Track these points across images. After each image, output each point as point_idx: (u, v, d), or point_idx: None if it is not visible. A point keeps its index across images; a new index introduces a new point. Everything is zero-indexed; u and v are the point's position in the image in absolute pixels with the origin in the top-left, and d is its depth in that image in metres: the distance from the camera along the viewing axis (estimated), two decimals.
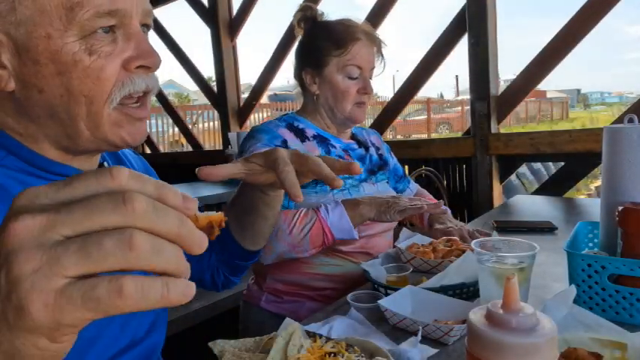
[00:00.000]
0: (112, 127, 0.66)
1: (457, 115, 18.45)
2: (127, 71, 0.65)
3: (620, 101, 38.46)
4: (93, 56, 0.62)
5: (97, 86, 0.63)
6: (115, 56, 0.63)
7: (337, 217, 1.21)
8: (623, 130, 0.92)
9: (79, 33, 0.61)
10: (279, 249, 1.21)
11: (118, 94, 0.64)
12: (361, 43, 1.35)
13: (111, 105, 0.64)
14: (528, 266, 0.81)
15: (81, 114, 0.64)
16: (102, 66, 0.62)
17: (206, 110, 10.17)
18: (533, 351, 0.44)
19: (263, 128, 1.36)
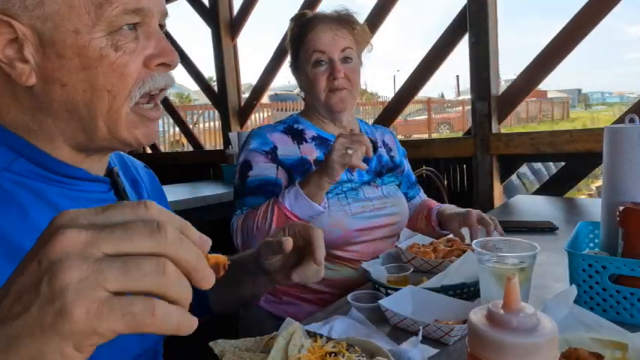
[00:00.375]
0: (127, 127, 0.67)
1: (458, 115, 18.45)
2: (147, 69, 0.66)
3: (621, 101, 38.43)
4: (119, 52, 0.63)
5: (120, 82, 0.64)
6: (137, 53, 0.65)
7: (293, 198, 1.20)
8: (623, 130, 0.92)
9: (107, 29, 0.62)
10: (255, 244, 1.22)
11: (138, 91, 0.66)
12: (319, 28, 1.34)
13: (131, 102, 0.66)
14: (529, 266, 0.81)
15: (102, 109, 0.65)
16: (126, 62, 0.64)
17: (207, 110, 10.17)
18: (533, 351, 0.44)
19: (257, 132, 1.39)
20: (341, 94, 1.35)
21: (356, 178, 1.40)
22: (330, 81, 1.34)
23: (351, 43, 1.36)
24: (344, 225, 1.31)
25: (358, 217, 1.33)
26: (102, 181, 0.74)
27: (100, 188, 0.74)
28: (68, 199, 0.67)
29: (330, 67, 1.33)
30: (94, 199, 0.72)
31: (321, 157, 1.36)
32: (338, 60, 1.34)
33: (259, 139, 1.36)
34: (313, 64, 1.34)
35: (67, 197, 0.67)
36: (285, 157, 1.34)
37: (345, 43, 1.34)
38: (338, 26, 1.35)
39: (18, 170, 0.65)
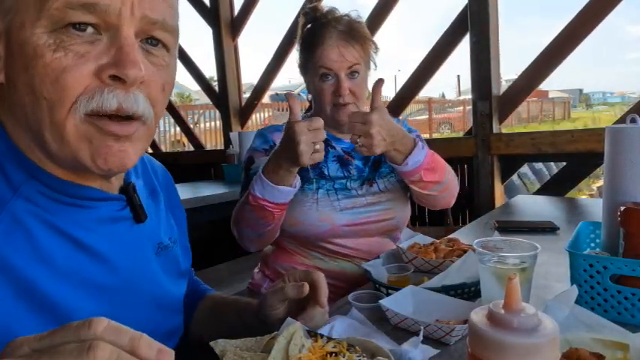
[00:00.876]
0: (78, 142, 0.56)
1: (459, 115, 18.44)
2: (100, 81, 0.55)
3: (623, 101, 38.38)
4: (57, 53, 0.53)
5: (55, 89, 0.54)
6: (87, 59, 0.54)
7: (260, 186, 1.18)
8: (625, 130, 0.92)
9: (49, 24, 0.53)
10: (247, 234, 1.29)
11: (84, 105, 0.55)
12: (328, 45, 1.32)
13: (75, 114, 0.55)
14: (530, 266, 0.81)
15: (44, 120, 0.55)
16: (65, 66, 0.53)
17: (207, 110, 10.17)
18: (534, 351, 0.44)
19: (261, 132, 1.44)
20: (347, 109, 1.35)
21: (354, 175, 1.40)
22: (335, 96, 1.34)
23: (360, 57, 1.35)
24: (332, 220, 1.33)
25: (347, 213, 1.34)
26: (116, 199, 0.68)
27: (114, 207, 0.67)
28: (77, 224, 0.62)
29: (336, 84, 1.33)
30: (107, 219, 0.66)
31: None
32: (344, 76, 1.33)
33: (261, 138, 1.42)
34: (320, 77, 1.35)
35: (77, 222, 0.62)
36: None
37: (352, 60, 1.33)
38: (346, 43, 1.33)
39: (27, 194, 0.59)
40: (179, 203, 0.93)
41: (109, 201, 0.67)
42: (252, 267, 1.56)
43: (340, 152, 1.42)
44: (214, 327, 0.93)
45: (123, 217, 0.69)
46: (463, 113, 17.90)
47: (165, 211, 0.83)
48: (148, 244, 0.75)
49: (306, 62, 1.40)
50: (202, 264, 2.69)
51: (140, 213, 0.71)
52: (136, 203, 0.71)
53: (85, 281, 0.63)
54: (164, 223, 0.81)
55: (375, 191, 1.41)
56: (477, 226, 1.70)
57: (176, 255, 0.83)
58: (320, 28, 1.36)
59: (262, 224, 1.23)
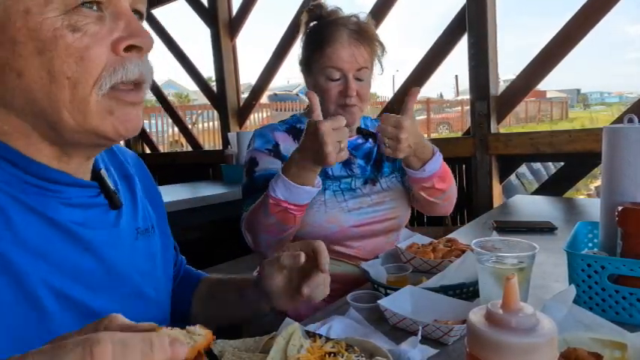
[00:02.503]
0: (101, 115, 0.60)
1: (457, 115, 18.44)
2: (117, 55, 0.59)
3: (620, 101, 38.45)
4: (77, 33, 0.56)
5: (81, 67, 0.57)
6: (102, 37, 0.58)
7: (283, 189, 1.15)
8: (622, 130, 0.92)
9: (61, 7, 0.56)
10: (264, 239, 1.24)
11: (109, 79, 0.59)
12: (339, 44, 1.30)
13: (100, 91, 0.59)
14: (528, 266, 0.81)
15: (63, 99, 0.58)
16: (87, 45, 0.57)
17: (206, 110, 10.16)
18: (532, 351, 0.44)
19: (260, 132, 1.41)
20: (351, 111, 1.34)
21: (358, 174, 1.40)
22: (341, 97, 1.32)
23: (368, 59, 1.34)
24: (340, 222, 1.32)
25: (355, 213, 1.34)
26: (89, 186, 0.69)
27: (86, 193, 0.69)
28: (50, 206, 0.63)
29: (344, 85, 1.31)
30: (80, 204, 0.67)
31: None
32: (352, 78, 1.31)
33: (262, 138, 1.38)
34: (327, 77, 1.32)
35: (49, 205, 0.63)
36: (286, 154, 1.33)
37: (362, 62, 1.32)
38: (357, 43, 1.31)
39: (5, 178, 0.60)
40: (156, 189, 0.92)
41: (82, 187, 0.68)
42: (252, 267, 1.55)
43: None
44: (215, 309, 0.93)
45: (97, 203, 0.70)
46: (461, 113, 17.91)
47: (141, 197, 0.83)
48: (125, 230, 0.74)
49: (310, 60, 1.36)
50: (202, 264, 2.68)
51: (114, 199, 0.72)
52: (109, 189, 0.72)
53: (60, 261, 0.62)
54: (140, 209, 0.80)
55: (379, 190, 1.41)
56: (475, 226, 1.70)
57: (155, 240, 0.82)
58: (329, 26, 1.33)
59: (284, 228, 1.20)
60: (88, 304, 0.65)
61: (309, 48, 1.37)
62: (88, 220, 0.67)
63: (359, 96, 1.34)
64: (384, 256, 1.21)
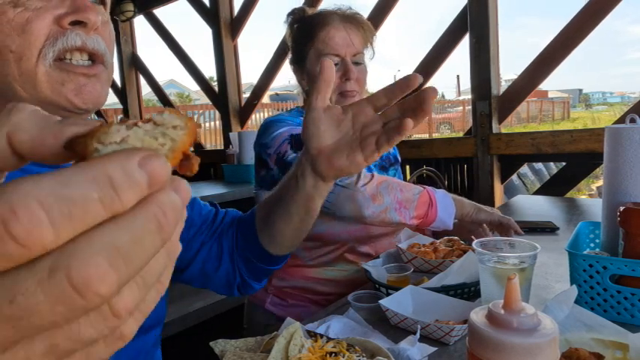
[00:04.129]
0: (52, 86, 0.61)
1: (458, 115, 18.43)
2: (60, 27, 0.60)
3: (622, 101, 38.41)
4: (18, 9, 0.58)
5: (23, 40, 0.58)
6: (44, 10, 0.60)
7: (442, 196, 1.19)
8: (624, 130, 0.92)
9: None
10: (387, 201, 1.14)
11: (51, 49, 0.60)
12: (332, 28, 1.28)
13: (45, 61, 0.60)
14: (530, 266, 0.81)
15: (12, 73, 0.59)
16: (28, 18, 0.58)
17: (207, 110, 10.18)
18: (534, 351, 0.44)
19: (284, 118, 1.32)
20: (352, 97, 1.31)
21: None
22: (342, 82, 1.29)
23: (362, 43, 1.32)
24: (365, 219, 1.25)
25: None
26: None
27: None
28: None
29: (344, 68, 1.28)
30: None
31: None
32: (350, 61, 1.29)
33: (294, 119, 1.31)
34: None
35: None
36: None
37: (356, 45, 1.30)
38: (350, 25, 1.30)
39: None
40: None
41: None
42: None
43: None
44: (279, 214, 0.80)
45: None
46: (463, 113, 17.90)
47: None
48: None
49: (303, 53, 1.33)
50: None
51: None
52: None
53: None
54: None
55: None
56: None
57: None
58: (318, 15, 1.32)
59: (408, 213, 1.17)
60: None
61: (300, 41, 1.34)
62: None
63: (358, 82, 1.32)
64: (385, 256, 1.21)
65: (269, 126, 1.30)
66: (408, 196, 1.15)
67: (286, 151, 1.23)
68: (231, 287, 0.90)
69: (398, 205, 1.15)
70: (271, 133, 1.28)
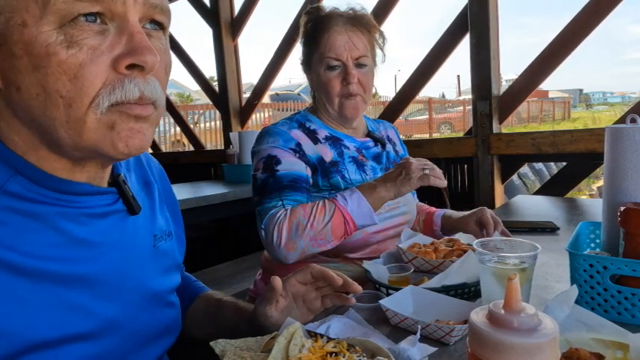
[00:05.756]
0: (100, 131, 0.56)
1: (459, 115, 18.42)
2: (117, 73, 0.55)
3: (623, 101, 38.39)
4: (72, 49, 0.53)
5: (75, 86, 0.53)
6: (101, 52, 0.54)
7: (356, 204, 1.18)
8: (625, 130, 0.92)
9: (57, 20, 0.52)
10: (301, 245, 1.18)
11: (107, 99, 0.55)
12: (334, 30, 1.29)
13: (97, 110, 0.55)
14: (530, 266, 0.81)
15: (59, 118, 0.55)
16: (82, 62, 0.53)
17: (207, 110, 10.18)
18: (535, 351, 0.44)
19: (276, 130, 1.33)
20: (355, 102, 1.32)
21: (371, 176, 1.38)
22: (343, 86, 1.30)
23: (366, 47, 1.32)
24: (365, 229, 1.27)
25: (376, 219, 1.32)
26: (107, 193, 0.67)
27: (104, 201, 0.66)
28: (67, 219, 0.61)
29: (344, 72, 1.30)
30: (98, 214, 0.65)
31: (336, 158, 1.33)
32: (352, 65, 1.30)
33: (282, 136, 1.31)
34: (326, 68, 1.31)
35: (66, 217, 0.61)
36: (309, 155, 1.31)
37: (359, 48, 1.30)
38: (353, 28, 1.30)
39: (14, 190, 0.57)
40: (175, 198, 0.93)
41: (99, 195, 0.66)
42: (252, 267, 1.55)
43: (354, 152, 1.38)
44: (208, 328, 0.92)
45: (115, 210, 0.68)
46: (463, 113, 17.89)
47: (160, 204, 0.82)
48: (143, 236, 0.74)
49: (310, 55, 1.36)
50: (202, 264, 2.68)
51: (134, 205, 0.70)
52: (127, 195, 0.69)
53: (77, 273, 0.62)
54: (159, 215, 0.80)
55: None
56: None
57: (172, 247, 0.83)
58: (324, 18, 1.33)
59: (329, 240, 1.19)
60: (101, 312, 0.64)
61: (307, 44, 1.37)
62: (104, 229, 0.66)
63: (361, 85, 1.32)
64: (386, 256, 1.21)
65: (261, 136, 1.35)
66: (319, 229, 1.17)
67: (259, 169, 1.29)
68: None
69: (313, 242, 1.18)
70: (259, 144, 1.33)
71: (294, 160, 1.28)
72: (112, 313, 0.66)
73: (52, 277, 0.59)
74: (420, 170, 1.17)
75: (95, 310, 0.64)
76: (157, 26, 0.62)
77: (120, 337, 0.67)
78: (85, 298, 0.62)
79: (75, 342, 0.61)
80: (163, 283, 0.78)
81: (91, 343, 0.62)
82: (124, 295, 0.68)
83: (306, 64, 1.39)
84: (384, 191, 1.19)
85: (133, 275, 0.70)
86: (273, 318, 0.81)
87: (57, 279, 0.60)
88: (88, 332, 0.62)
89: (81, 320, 0.62)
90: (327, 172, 1.30)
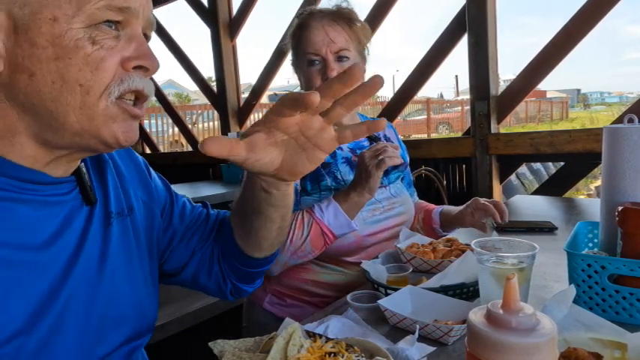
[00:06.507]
0: (106, 121, 0.64)
1: (457, 115, 18.44)
2: (124, 70, 0.64)
3: (620, 101, 38.48)
4: (95, 46, 0.62)
5: (94, 76, 0.62)
6: (116, 51, 0.64)
7: (332, 215, 1.18)
8: (622, 130, 0.92)
9: (86, 21, 0.61)
10: (283, 259, 1.20)
11: (117, 88, 0.64)
12: (312, 26, 1.29)
13: (109, 98, 0.63)
14: (528, 266, 0.81)
15: (73, 104, 0.62)
16: (103, 57, 0.62)
17: (206, 110, 10.17)
18: (533, 351, 0.44)
19: None
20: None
21: None
22: (324, 81, 1.28)
23: (347, 40, 1.30)
24: (357, 232, 1.27)
25: (369, 222, 1.31)
26: (64, 182, 0.70)
27: (59, 190, 0.69)
28: (15, 201, 0.64)
29: (323, 67, 1.29)
30: (50, 203, 0.68)
31: (328, 159, 1.33)
32: (332, 59, 1.28)
33: None
34: (307, 64, 1.31)
35: (14, 200, 0.64)
36: None
37: (338, 41, 1.28)
38: (331, 22, 1.29)
39: None
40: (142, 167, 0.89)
41: (57, 184, 0.69)
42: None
43: (347, 154, 1.37)
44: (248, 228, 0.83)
45: (70, 199, 0.71)
46: (461, 113, 17.90)
47: (115, 180, 0.81)
48: (97, 222, 0.74)
49: (295, 55, 1.36)
50: None
51: (90, 195, 0.73)
52: (85, 185, 0.73)
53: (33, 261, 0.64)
54: (112, 192, 0.79)
55: (389, 196, 1.39)
56: None
57: (136, 223, 0.81)
58: (306, 17, 1.34)
59: (309, 252, 1.20)
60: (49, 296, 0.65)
61: (293, 44, 1.37)
62: (58, 216, 0.68)
63: None
64: (384, 256, 1.21)
65: None
66: (299, 244, 1.18)
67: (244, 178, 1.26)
68: (223, 293, 0.92)
69: (294, 256, 1.20)
70: None
71: None
72: (76, 298, 0.67)
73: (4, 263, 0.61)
74: (373, 159, 1.16)
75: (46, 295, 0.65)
76: (146, 38, 0.71)
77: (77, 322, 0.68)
78: (43, 286, 0.64)
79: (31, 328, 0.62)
80: (128, 260, 0.77)
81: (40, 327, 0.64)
82: (86, 280, 0.69)
83: (294, 64, 1.40)
84: (357, 196, 1.19)
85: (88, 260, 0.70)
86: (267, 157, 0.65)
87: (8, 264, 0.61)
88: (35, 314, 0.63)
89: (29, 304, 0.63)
90: (317, 175, 1.29)
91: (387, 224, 1.35)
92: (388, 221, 1.36)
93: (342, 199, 1.20)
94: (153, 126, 8.52)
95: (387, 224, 1.35)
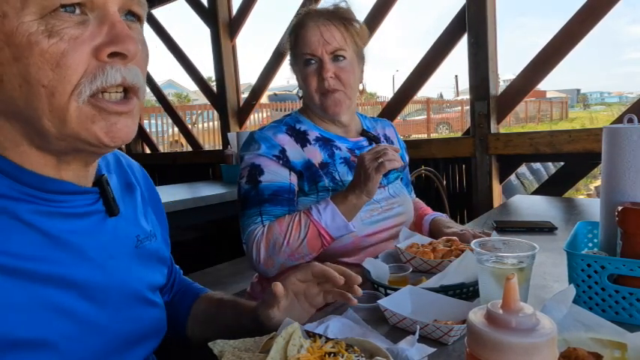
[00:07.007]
0: (82, 123, 0.57)
1: (457, 115, 18.43)
2: (98, 61, 0.56)
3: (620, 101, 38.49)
4: (53, 39, 0.53)
5: (57, 75, 0.54)
6: (82, 42, 0.55)
7: (329, 217, 1.18)
8: (622, 130, 0.92)
9: (38, 11, 0.53)
10: (279, 261, 1.21)
11: (88, 87, 0.56)
12: (308, 26, 1.29)
13: (79, 98, 0.56)
14: (528, 266, 0.81)
15: (42, 108, 0.55)
16: (63, 51, 0.54)
17: (206, 110, 10.17)
18: (533, 351, 0.44)
19: (262, 135, 1.32)
20: (334, 97, 1.30)
21: None
22: (319, 81, 1.29)
23: (343, 39, 1.29)
24: (355, 232, 1.27)
25: (367, 222, 1.31)
26: (89, 192, 0.67)
27: (85, 201, 0.66)
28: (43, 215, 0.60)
29: (319, 67, 1.29)
30: (77, 214, 0.65)
31: (327, 160, 1.33)
32: (328, 59, 1.28)
33: (266, 142, 1.29)
34: (304, 64, 1.30)
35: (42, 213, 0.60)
36: (294, 161, 1.29)
37: (334, 41, 1.28)
38: (327, 22, 1.28)
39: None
40: (159, 200, 0.92)
41: (81, 194, 0.66)
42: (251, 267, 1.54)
43: (346, 153, 1.37)
44: (213, 330, 0.92)
45: (95, 210, 0.68)
46: (461, 113, 17.90)
47: (144, 206, 0.82)
48: (124, 238, 0.73)
49: (293, 56, 1.36)
50: (202, 264, 2.68)
51: (113, 206, 0.70)
52: (109, 196, 0.70)
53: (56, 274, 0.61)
54: (142, 218, 0.79)
55: (387, 197, 1.39)
56: (475, 226, 1.70)
57: (157, 248, 0.82)
58: (303, 17, 1.34)
59: (306, 253, 1.20)
60: (85, 313, 0.64)
61: (291, 45, 1.37)
62: (84, 229, 0.66)
63: (339, 79, 1.29)
64: (384, 256, 1.21)
65: (247, 141, 1.35)
66: (296, 246, 1.19)
67: (243, 177, 1.30)
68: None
69: (291, 257, 1.20)
70: (245, 150, 1.33)
71: (277, 168, 1.28)
72: (94, 314, 0.65)
73: (31, 276, 0.58)
74: (373, 162, 1.14)
75: (77, 311, 0.63)
76: (133, 18, 0.62)
77: (102, 339, 0.66)
78: (66, 299, 0.61)
79: (55, 343, 0.60)
80: (146, 283, 0.77)
81: (72, 345, 0.61)
82: (106, 296, 0.67)
83: (292, 63, 1.40)
84: (355, 198, 1.18)
85: (114, 276, 0.69)
86: (275, 319, 0.81)
87: (36, 278, 0.59)
88: (68, 333, 0.61)
89: (61, 321, 0.60)
90: (315, 176, 1.29)
91: (386, 225, 1.35)
92: (387, 222, 1.35)
93: (339, 201, 1.20)
94: (153, 126, 8.52)
95: (386, 225, 1.35)
